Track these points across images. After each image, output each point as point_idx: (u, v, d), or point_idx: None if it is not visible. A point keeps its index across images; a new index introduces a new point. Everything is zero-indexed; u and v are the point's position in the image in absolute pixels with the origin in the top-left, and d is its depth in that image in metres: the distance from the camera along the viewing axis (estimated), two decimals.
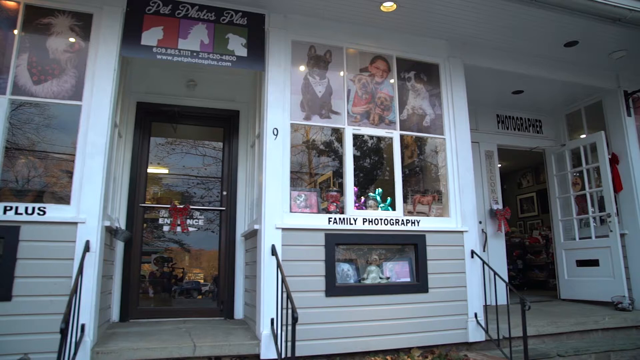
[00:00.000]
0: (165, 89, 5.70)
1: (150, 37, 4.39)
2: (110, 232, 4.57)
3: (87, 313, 3.67)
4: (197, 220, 5.63)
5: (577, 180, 7.10)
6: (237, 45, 4.65)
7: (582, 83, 6.40)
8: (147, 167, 5.56)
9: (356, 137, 5.19)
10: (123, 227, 5.17)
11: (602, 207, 6.57)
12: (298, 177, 5.46)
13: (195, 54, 4.49)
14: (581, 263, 6.81)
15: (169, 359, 3.75)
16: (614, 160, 6.51)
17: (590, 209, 6.77)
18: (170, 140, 5.86)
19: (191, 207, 5.54)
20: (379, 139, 5.06)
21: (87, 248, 3.73)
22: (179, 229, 5.42)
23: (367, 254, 4.72)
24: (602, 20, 5.11)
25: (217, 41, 4.61)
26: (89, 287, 3.74)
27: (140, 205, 5.40)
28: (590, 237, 6.70)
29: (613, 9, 5.01)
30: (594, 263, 6.59)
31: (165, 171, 5.81)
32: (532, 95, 7.04)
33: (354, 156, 4.80)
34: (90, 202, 3.90)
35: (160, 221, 5.52)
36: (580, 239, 6.90)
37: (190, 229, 5.56)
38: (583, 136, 7.17)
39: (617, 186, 6.42)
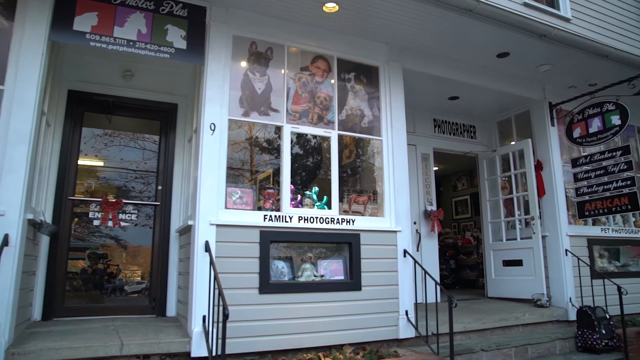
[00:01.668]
0: (100, 78, 5.46)
1: (84, 22, 4.20)
2: (34, 226, 4.33)
3: (2, 311, 3.46)
4: (130, 215, 5.45)
5: (506, 184, 7.49)
6: (177, 37, 4.55)
7: (513, 93, 6.76)
8: (77, 159, 5.32)
9: (299, 136, 5.23)
10: (49, 220, 4.92)
11: (527, 211, 6.97)
12: (240, 174, 5.40)
13: (131, 43, 4.35)
14: (507, 263, 7.20)
15: (94, 358, 3.61)
16: (538, 167, 6.91)
17: (516, 211, 7.16)
18: (109, 132, 5.63)
19: (124, 201, 5.35)
20: (323, 138, 5.11)
21: (5, 242, 3.52)
22: (110, 223, 5.22)
23: (302, 252, 4.76)
24: (530, 35, 5.44)
25: (156, 32, 4.48)
26: (6, 283, 3.52)
27: (69, 198, 5.16)
28: (516, 239, 7.09)
29: (539, 25, 5.36)
30: (518, 263, 6.98)
31: (100, 163, 5.58)
32: (467, 102, 7.34)
33: (297, 154, 4.83)
34: (11, 194, 3.68)
35: (91, 215, 5.29)
36: (507, 240, 7.28)
37: (123, 223, 5.37)
38: (513, 143, 7.57)
39: (541, 191, 6.83)
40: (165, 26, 4.52)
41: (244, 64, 4.84)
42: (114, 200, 5.25)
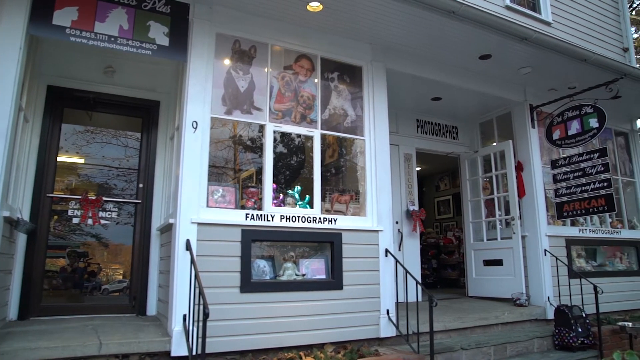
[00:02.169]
0: (80, 74, 5.39)
1: (64, 16, 4.13)
2: (11, 224, 4.26)
3: None
4: (110, 213, 5.38)
5: (487, 185, 7.58)
6: (159, 33, 4.50)
7: (494, 94, 6.84)
8: (57, 155, 5.23)
9: (284, 135, 5.23)
10: (27, 218, 4.83)
11: (508, 211, 7.06)
12: (223, 173, 5.38)
13: (113, 39, 4.29)
14: (487, 262, 7.29)
15: (72, 358, 3.56)
16: (519, 168, 7.02)
17: (497, 212, 7.25)
18: (91, 128, 5.56)
19: (105, 199, 5.29)
20: (306, 137, 5.11)
21: None
22: (90, 221, 5.16)
23: (284, 250, 4.76)
24: (512, 38, 5.51)
25: (138, 28, 4.43)
26: None
27: (48, 195, 5.08)
28: (496, 239, 7.18)
29: (520, 29, 5.43)
30: (499, 263, 7.07)
31: (81, 160, 5.50)
32: (450, 103, 7.41)
33: (281, 153, 4.82)
34: None
35: (71, 213, 5.22)
36: (487, 240, 7.37)
37: (103, 221, 5.31)
38: (494, 144, 7.67)
39: (521, 192, 6.93)
40: (147, 22, 4.47)
41: (227, 62, 4.81)
42: (94, 198, 5.18)
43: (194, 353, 3.71)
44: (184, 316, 3.98)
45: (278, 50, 5.08)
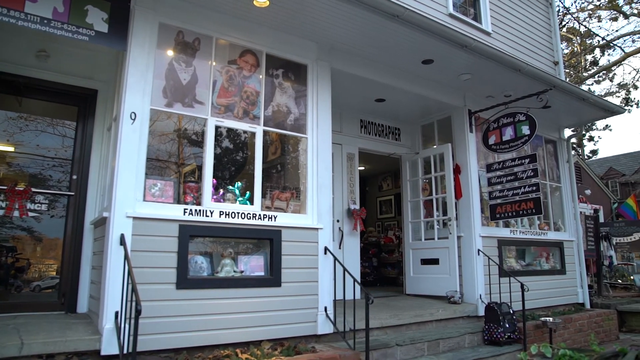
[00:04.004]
0: (10, 56, 5.07)
1: None
2: None
3: None
4: (40, 205, 5.12)
5: (426, 186, 7.82)
6: (97, 19, 4.32)
7: (436, 99, 7.07)
8: None
9: (230, 130, 5.16)
10: None
11: (445, 212, 7.32)
12: (167, 167, 5.24)
13: (46, 21, 4.07)
14: (425, 261, 7.52)
15: None
16: (457, 170, 7.29)
17: (435, 212, 7.50)
18: (25, 115, 5.25)
19: (35, 190, 5.02)
20: (253, 133, 5.05)
21: None
22: (16, 213, 4.87)
23: (223, 247, 4.70)
24: (453, 45, 5.71)
25: (74, 11, 4.22)
26: None
27: None
28: (433, 239, 7.43)
29: (461, 37, 5.64)
30: (435, 262, 7.32)
31: (11, 149, 5.19)
32: (393, 105, 7.57)
33: (226, 149, 4.74)
34: None
35: None
36: (425, 239, 7.60)
37: (32, 214, 5.03)
38: (434, 147, 7.91)
39: (458, 193, 7.20)
40: (85, 7, 4.27)
41: (169, 53, 4.69)
42: (21, 189, 4.90)
43: (125, 351, 3.59)
44: (116, 313, 3.86)
45: (223, 44, 5.01)
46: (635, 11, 22.41)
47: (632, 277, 11.67)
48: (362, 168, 10.50)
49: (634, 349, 2.13)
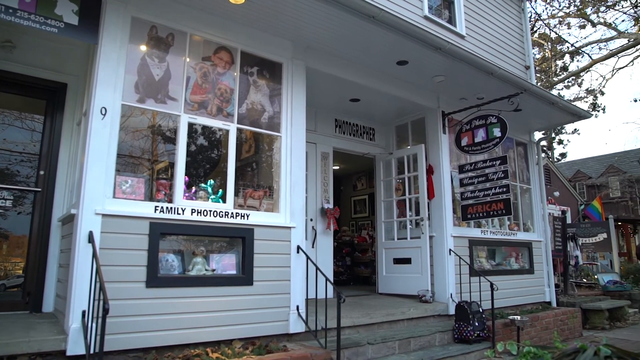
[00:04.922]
0: None
1: None
2: None
3: None
4: (4, 201, 4.97)
5: (400, 186, 7.90)
6: (67, 11, 4.21)
7: (410, 100, 7.14)
8: None
9: (204, 128, 5.11)
10: None
11: (418, 212, 7.40)
12: (140, 163, 5.14)
13: (11, 11, 3.94)
14: (397, 261, 7.60)
15: None
16: (430, 171, 7.38)
17: (408, 212, 7.58)
18: None
19: (0, 185, 4.87)
20: (227, 131, 5.01)
21: None
22: None
23: (195, 245, 4.65)
24: (427, 47, 5.78)
25: (42, 2, 4.10)
26: None
27: None
28: (406, 238, 7.51)
29: (435, 39, 5.71)
30: (408, 261, 7.40)
31: None
32: (368, 105, 7.62)
33: (201, 146, 4.67)
34: None
35: None
36: (398, 239, 7.68)
37: None
38: (408, 147, 7.99)
39: (430, 194, 7.30)
40: None
41: (142, 48, 4.61)
42: None
43: (92, 351, 3.52)
44: (83, 312, 3.78)
45: (197, 40, 4.95)
46: (602, 20, 23.12)
47: (596, 277, 12.03)
48: (337, 167, 10.53)
49: (594, 346, 2.21)
